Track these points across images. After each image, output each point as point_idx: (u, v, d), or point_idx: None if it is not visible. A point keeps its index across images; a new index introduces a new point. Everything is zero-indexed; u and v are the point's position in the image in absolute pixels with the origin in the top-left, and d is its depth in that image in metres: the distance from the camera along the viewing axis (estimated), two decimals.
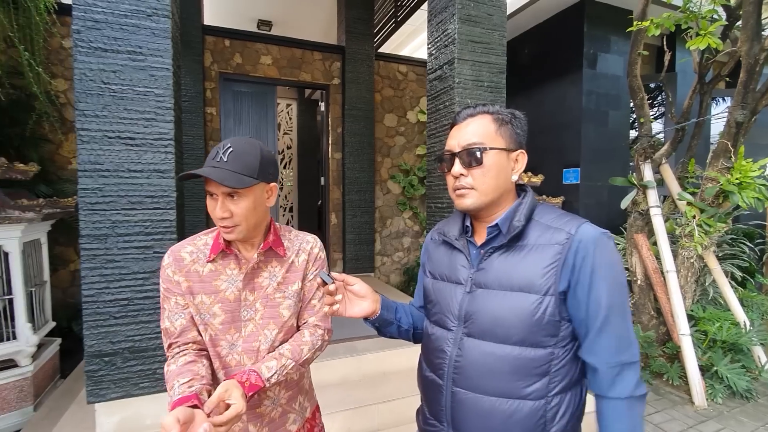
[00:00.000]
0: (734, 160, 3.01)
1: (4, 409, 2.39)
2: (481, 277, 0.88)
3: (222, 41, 4.37)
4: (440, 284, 0.97)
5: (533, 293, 0.82)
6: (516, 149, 0.89)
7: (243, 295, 1.02)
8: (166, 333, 1.01)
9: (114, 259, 1.82)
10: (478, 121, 0.89)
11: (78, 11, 1.74)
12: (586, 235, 0.82)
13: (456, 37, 2.40)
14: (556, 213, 0.89)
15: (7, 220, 2.29)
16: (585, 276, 0.80)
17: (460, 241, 0.95)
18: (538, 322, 0.81)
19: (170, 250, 1.02)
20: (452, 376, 0.90)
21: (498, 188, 0.88)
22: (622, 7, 4.15)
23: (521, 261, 0.84)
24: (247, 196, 0.94)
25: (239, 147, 0.93)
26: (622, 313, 0.82)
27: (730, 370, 2.97)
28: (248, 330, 1.02)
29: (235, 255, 1.02)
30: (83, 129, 1.76)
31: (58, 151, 3.72)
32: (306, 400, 1.16)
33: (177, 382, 0.89)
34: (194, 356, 0.98)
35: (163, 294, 1.01)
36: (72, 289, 3.80)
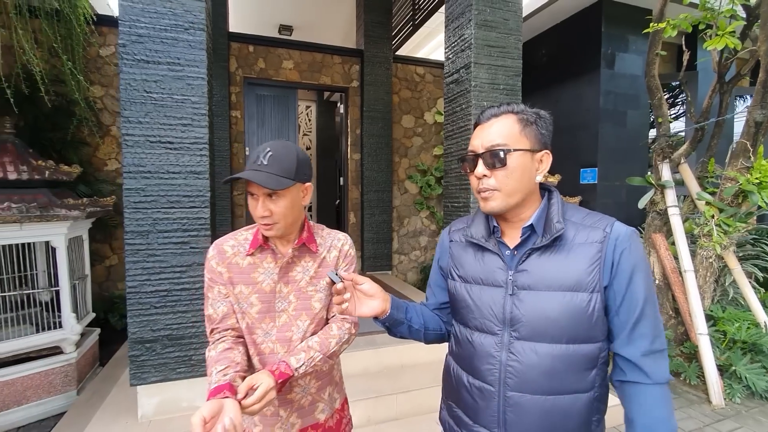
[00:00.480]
0: (754, 160, 3.00)
1: (50, 392, 2.60)
2: (523, 279, 0.88)
3: (246, 47, 4.55)
4: (476, 288, 0.95)
5: (582, 291, 0.83)
6: (540, 150, 0.88)
7: (278, 287, 1.09)
8: (209, 319, 1.09)
9: (155, 254, 1.98)
10: (502, 122, 0.88)
11: (123, 27, 1.91)
12: (621, 232, 0.85)
13: (472, 41, 2.49)
14: (583, 212, 0.91)
15: (56, 217, 2.49)
16: (624, 271, 0.83)
17: (490, 242, 0.94)
18: (590, 318, 0.83)
19: (214, 244, 1.10)
20: (505, 380, 0.89)
21: (522, 190, 0.87)
22: (640, 6, 4.15)
23: (565, 260, 0.85)
24: (285, 196, 1.01)
25: (278, 151, 1.00)
26: (654, 304, 0.85)
27: (749, 370, 2.96)
28: (282, 320, 1.09)
29: (272, 250, 1.09)
30: (128, 134, 1.92)
31: (95, 153, 3.95)
32: (335, 391, 1.21)
33: (215, 369, 0.96)
34: (231, 343, 1.06)
35: (207, 283, 1.09)
36: (107, 283, 4.03)
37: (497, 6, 2.54)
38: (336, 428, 1.20)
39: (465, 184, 2.59)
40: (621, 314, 0.85)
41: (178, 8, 1.97)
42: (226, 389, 0.87)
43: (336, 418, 1.21)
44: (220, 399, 0.84)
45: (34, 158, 2.63)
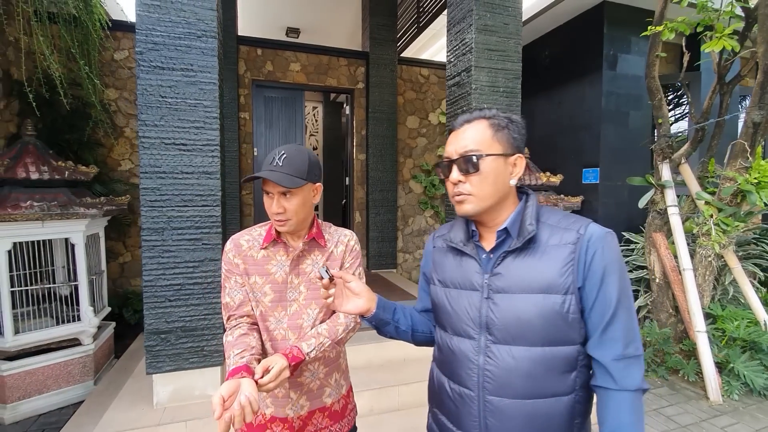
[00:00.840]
0: (752, 160, 3.04)
1: (69, 382, 2.73)
2: (498, 282, 0.89)
3: (254, 50, 4.67)
4: (454, 292, 0.96)
5: (556, 293, 0.83)
6: (513, 153, 0.90)
7: (290, 278, 1.17)
8: (226, 307, 1.18)
9: (169, 250, 2.09)
10: (474, 127, 0.90)
11: (140, 35, 2.02)
12: (594, 233, 0.85)
13: (473, 46, 2.57)
14: (560, 214, 0.92)
15: (75, 215, 2.61)
16: (596, 272, 0.83)
17: (468, 246, 0.95)
18: (565, 320, 0.83)
19: (231, 239, 1.20)
20: (484, 385, 0.89)
21: (496, 193, 0.89)
22: (642, 8, 4.19)
23: (538, 263, 0.86)
24: (298, 195, 1.10)
25: (291, 153, 1.09)
26: (629, 308, 0.84)
27: (747, 367, 3.01)
28: (293, 309, 1.18)
29: (284, 243, 1.19)
30: (144, 137, 2.03)
31: (109, 154, 4.09)
32: (342, 378, 1.30)
33: (232, 353, 1.04)
34: (247, 329, 1.14)
35: (224, 274, 1.18)
36: (121, 279, 4.17)
37: (497, 11, 2.61)
38: (341, 413, 1.28)
39: None
40: (593, 316, 0.84)
41: (191, 17, 2.07)
42: (243, 370, 0.94)
43: (342, 404, 1.29)
44: (237, 379, 0.91)
45: (54, 159, 2.76)
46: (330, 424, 1.25)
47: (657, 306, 3.54)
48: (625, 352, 0.83)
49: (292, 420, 1.20)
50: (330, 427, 1.25)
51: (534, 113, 5.22)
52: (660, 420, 2.69)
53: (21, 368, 2.53)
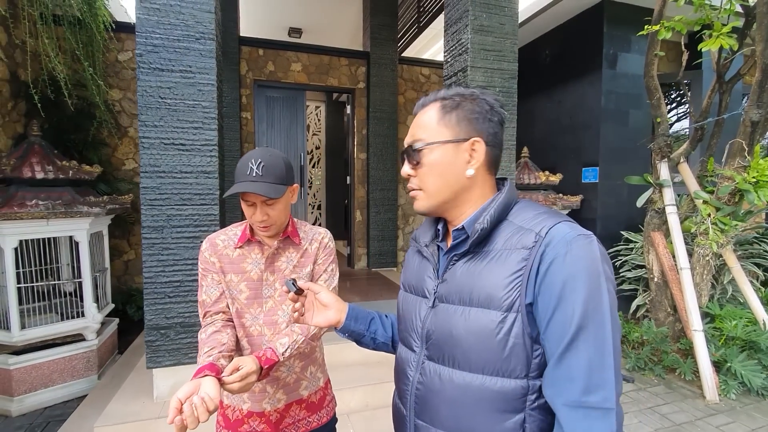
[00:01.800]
0: (750, 159, 3.04)
1: (74, 376, 2.80)
2: (443, 289, 0.77)
3: (256, 51, 4.72)
4: (409, 297, 0.87)
5: (493, 309, 0.68)
6: (467, 138, 0.74)
7: (265, 276, 1.20)
8: (202, 304, 1.20)
9: (169, 247, 2.14)
10: (427, 112, 0.78)
11: (140, 37, 2.07)
12: (556, 236, 0.66)
13: (469, 46, 2.59)
14: (535, 211, 0.73)
15: (79, 214, 2.68)
16: (551, 285, 0.64)
17: (429, 248, 0.85)
18: (501, 345, 0.67)
19: (207, 238, 1.22)
20: (413, 405, 0.80)
21: (448, 187, 0.76)
22: (642, 6, 4.18)
23: (482, 270, 0.71)
24: (281, 201, 1.12)
25: (267, 160, 1.09)
26: (597, 340, 0.61)
27: (745, 366, 3.01)
28: (268, 306, 1.20)
29: (259, 242, 1.21)
30: (144, 137, 2.08)
31: (113, 154, 4.17)
32: (318, 371, 1.33)
33: (202, 351, 1.05)
34: (221, 325, 1.15)
35: (201, 273, 1.21)
36: (125, 276, 4.25)
37: (493, 11, 2.64)
38: (319, 404, 1.31)
39: None
40: (547, 343, 0.65)
41: (189, 20, 2.12)
42: (207, 369, 0.93)
43: (319, 396, 1.32)
44: (198, 379, 0.89)
45: (59, 159, 2.83)
46: (307, 416, 1.28)
47: (655, 305, 3.55)
48: (583, 400, 0.60)
49: (270, 414, 1.22)
50: (308, 418, 1.28)
51: (534, 112, 5.23)
52: (654, 418, 2.70)
53: (27, 362, 2.60)
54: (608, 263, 0.66)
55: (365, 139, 5.19)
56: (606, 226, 4.32)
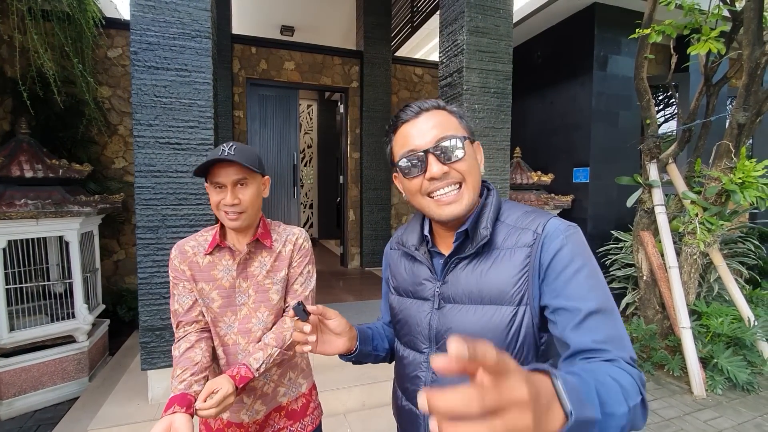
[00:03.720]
0: (736, 161, 3.12)
1: (64, 378, 2.75)
2: (447, 291, 0.79)
3: (249, 49, 4.68)
4: (407, 302, 0.88)
5: (506, 305, 0.73)
6: (474, 140, 0.81)
7: (237, 283, 1.14)
8: (175, 314, 1.15)
9: (164, 248, 2.12)
10: (436, 115, 0.78)
11: (135, 35, 2.04)
12: (552, 229, 0.73)
13: (464, 47, 2.61)
14: (521, 210, 0.80)
15: (69, 213, 2.63)
16: (556, 268, 0.70)
17: (420, 251, 0.85)
18: (515, 337, 0.72)
19: (176, 245, 1.17)
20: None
21: (478, 181, 0.79)
22: (632, 9, 4.25)
23: (489, 270, 0.75)
24: (252, 185, 1.09)
25: (240, 145, 1.07)
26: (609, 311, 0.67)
27: (730, 362, 3.09)
28: (243, 313, 1.15)
29: (229, 248, 1.14)
30: (139, 136, 2.06)
31: (103, 152, 4.10)
32: (300, 377, 1.27)
33: (174, 373, 1.02)
34: (194, 339, 1.10)
35: (172, 282, 1.16)
36: (115, 277, 4.19)
37: (488, 13, 2.66)
38: (301, 413, 1.25)
39: None
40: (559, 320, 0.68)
41: (185, 17, 2.10)
42: (177, 402, 0.91)
43: (301, 402, 1.26)
44: (169, 416, 0.87)
45: (48, 157, 2.78)
46: (289, 424, 1.23)
47: (644, 303, 3.62)
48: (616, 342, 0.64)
49: (248, 425, 1.18)
50: (290, 426, 1.23)
51: (526, 112, 5.28)
52: None
53: (16, 365, 2.55)
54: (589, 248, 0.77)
55: (359, 138, 5.18)
56: (596, 226, 4.39)
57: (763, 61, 2.89)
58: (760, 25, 2.86)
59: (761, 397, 2.99)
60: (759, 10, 2.83)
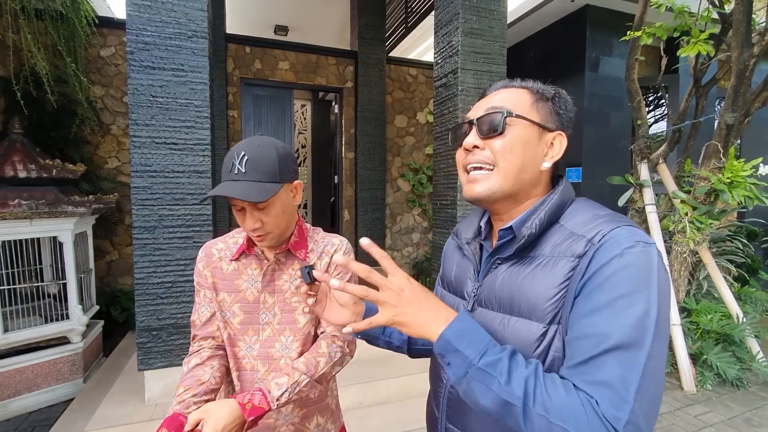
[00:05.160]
0: (725, 161, 3.18)
1: (58, 380, 2.73)
2: (483, 293, 0.73)
3: (243, 48, 4.67)
4: (447, 297, 0.83)
5: (535, 320, 0.63)
6: (554, 129, 0.70)
7: (262, 297, 0.99)
8: (193, 325, 1.03)
9: (160, 248, 2.12)
10: (515, 91, 0.72)
11: (131, 35, 2.04)
12: (610, 240, 0.58)
13: (459, 48, 2.64)
14: (592, 214, 0.65)
15: (63, 214, 2.61)
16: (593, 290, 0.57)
17: (471, 245, 0.80)
18: (540, 358, 0.62)
19: (204, 245, 1.04)
20: (445, 408, 0.77)
21: (523, 171, 0.68)
22: (623, 12, 4.32)
23: (527, 278, 0.66)
24: (275, 203, 0.90)
25: (254, 153, 0.88)
26: (629, 361, 0.53)
27: (720, 358, 3.15)
28: (266, 334, 0.99)
29: (256, 255, 1.00)
30: (135, 136, 2.05)
31: (95, 152, 4.07)
32: (329, 421, 1.06)
33: (177, 391, 0.91)
34: (206, 356, 0.98)
35: (195, 287, 1.04)
36: (108, 277, 4.15)
37: (483, 15, 2.69)
38: None
39: (453, 182, 2.74)
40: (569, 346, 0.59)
41: (182, 17, 2.10)
42: (166, 426, 0.77)
43: None
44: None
45: (42, 157, 2.76)
46: None
47: None
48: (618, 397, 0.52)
49: None
50: None
51: None
52: None
53: (10, 366, 2.53)
54: (666, 277, 0.57)
55: (353, 138, 5.19)
56: None
57: (751, 63, 2.96)
58: (748, 27, 2.93)
59: (750, 392, 3.06)
60: (747, 13, 2.89)
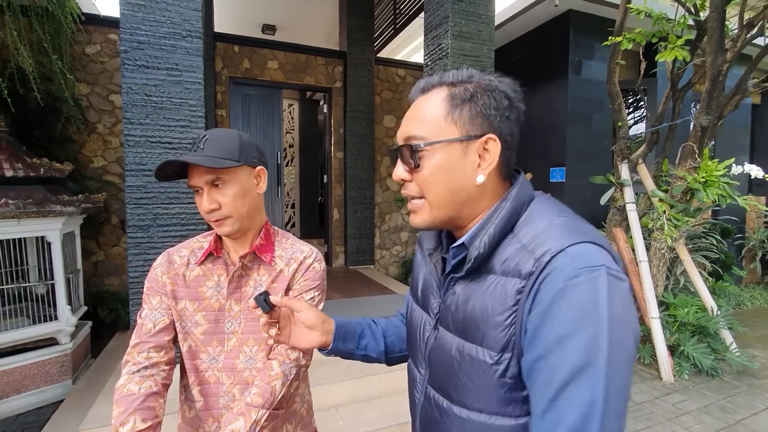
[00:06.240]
0: (700, 161, 3.34)
1: (47, 382, 2.70)
2: (442, 312, 0.68)
3: (231, 47, 4.66)
4: (416, 310, 0.77)
5: (487, 348, 0.58)
6: (480, 135, 0.60)
7: (228, 305, 0.94)
8: (140, 330, 0.92)
9: (155, 246, 2.12)
10: (429, 101, 0.63)
11: (125, 34, 2.04)
12: (556, 269, 0.53)
13: (449, 51, 2.71)
14: (546, 220, 0.59)
15: (52, 213, 2.58)
16: (536, 332, 0.53)
17: (433, 257, 0.73)
18: (498, 387, 0.58)
19: (167, 251, 0.98)
20: (419, 428, 0.73)
21: (453, 196, 0.62)
22: (605, 17, 4.46)
23: (477, 301, 0.60)
24: (233, 182, 0.88)
25: (215, 134, 0.88)
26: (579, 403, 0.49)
27: (696, 349, 3.31)
28: (231, 344, 0.94)
29: (224, 261, 0.95)
30: (130, 135, 2.05)
31: (81, 151, 4.00)
32: (298, 427, 1.02)
33: (131, 420, 0.80)
34: (162, 383, 0.90)
35: (146, 292, 0.96)
36: (94, 278, 4.09)
37: (472, 18, 2.76)
38: None
39: None
40: (531, 392, 0.55)
41: (176, 17, 2.11)
42: None
43: None
44: None
45: (29, 156, 2.72)
46: None
47: None
48: None
49: None
50: None
51: None
52: None
53: None
54: (620, 302, 0.51)
55: (342, 138, 5.23)
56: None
57: (724, 68, 3.11)
58: (722, 34, 3.08)
59: (724, 381, 3.21)
60: (721, 21, 3.04)
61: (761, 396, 2.95)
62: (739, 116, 5.59)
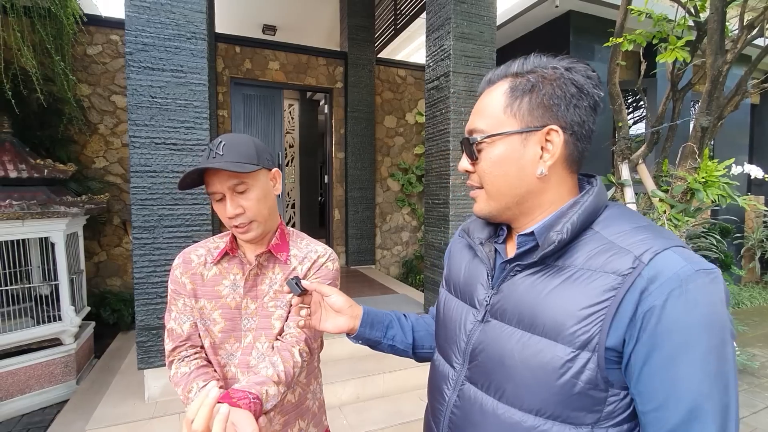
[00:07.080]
0: (700, 161, 3.36)
1: (51, 382, 2.71)
2: (498, 303, 0.64)
3: (233, 48, 4.66)
4: (453, 302, 0.74)
5: (561, 343, 0.54)
6: (541, 127, 0.59)
7: (244, 303, 0.95)
8: (172, 334, 0.96)
9: (160, 247, 2.13)
10: (491, 94, 0.64)
11: (130, 35, 2.05)
12: (666, 269, 0.50)
13: (451, 52, 2.72)
14: (633, 223, 0.57)
15: (56, 214, 2.59)
16: (654, 338, 0.50)
17: (485, 247, 0.70)
18: (566, 387, 0.54)
19: (182, 252, 1.00)
20: (446, 430, 0.69)
21: (512, 188, 0.62)
22: (605, 18, 4.48)
23: (554, 291, 0.57)
24: (255, 186, 0.89)
25: (231, 139, 0.88)
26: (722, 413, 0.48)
27: None
28: (247, 341, 0.96)
29: (240, 260, 0.97)
30: (135, 136, 2.06)
31: (83, 151, 4.01)
32: (311, 424, 1.03)
33: (196, 385, 0.86)
34: (206, 361, 0.95)
35: (170, 295, 0.98)
36: (96, 279, 4.10)
37: (474, 20, 2.78)
38: None
39: (445, 181, 2.82)
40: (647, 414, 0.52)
41: (181, 19, 2.12)
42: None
43: None
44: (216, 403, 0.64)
45: (32, 157, 2.73)
46: None
47: None
48: None
49: None
50: None
51: None
52: None
53: (2, 369, 2.50)
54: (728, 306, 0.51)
55: (343, 138, 5.24)
56: None
57: (724, 69, 3.13)
58: (722, 35, 3.09)
59: None
60: (721, 22, 3.06)
61: (761, 395, 2.97)
62: (738, 116, 5.62)
